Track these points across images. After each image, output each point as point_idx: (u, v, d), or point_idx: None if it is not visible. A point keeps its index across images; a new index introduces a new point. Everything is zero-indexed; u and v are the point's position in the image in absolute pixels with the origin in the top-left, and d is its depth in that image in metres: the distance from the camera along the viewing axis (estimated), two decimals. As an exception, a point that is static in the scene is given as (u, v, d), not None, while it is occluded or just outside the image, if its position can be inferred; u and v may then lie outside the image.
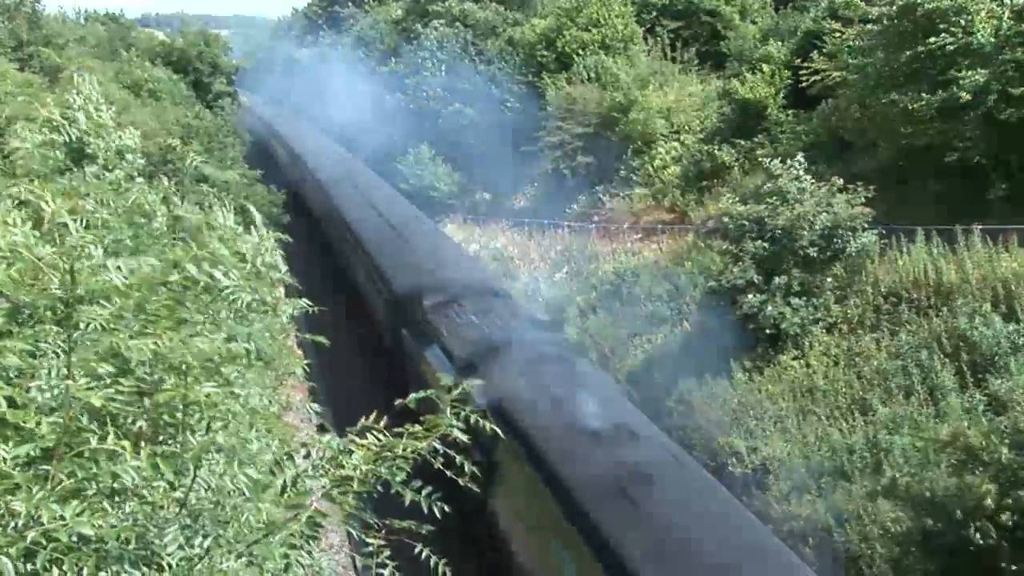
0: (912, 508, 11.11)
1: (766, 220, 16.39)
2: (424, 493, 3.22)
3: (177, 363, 2.88)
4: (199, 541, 2.68)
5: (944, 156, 17.18)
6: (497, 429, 3.53)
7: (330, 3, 69.09)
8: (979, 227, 15.46)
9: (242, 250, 3.99)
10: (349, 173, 29.92)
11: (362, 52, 51.69)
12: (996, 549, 9.96)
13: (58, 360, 2.92)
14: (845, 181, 16.63)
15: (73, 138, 6.35)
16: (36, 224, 3.88)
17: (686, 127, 27.61)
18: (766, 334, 15.91)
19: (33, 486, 2.55)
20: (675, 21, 34.83)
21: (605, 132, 28.83)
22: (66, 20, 42.52)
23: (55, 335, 3.03)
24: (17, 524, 2.41)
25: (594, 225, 26.41)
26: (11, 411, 2.69)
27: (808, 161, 17.57)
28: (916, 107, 17.08)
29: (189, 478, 2.80)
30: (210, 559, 2.65)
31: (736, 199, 17.85)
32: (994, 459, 10.48)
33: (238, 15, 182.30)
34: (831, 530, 12.00)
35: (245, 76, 55.29)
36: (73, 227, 3.35)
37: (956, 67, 16.69)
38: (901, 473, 11.69)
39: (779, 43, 27.13)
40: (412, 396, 3.42)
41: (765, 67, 25.72)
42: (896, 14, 18.10)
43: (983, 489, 10.18)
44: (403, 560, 3.48)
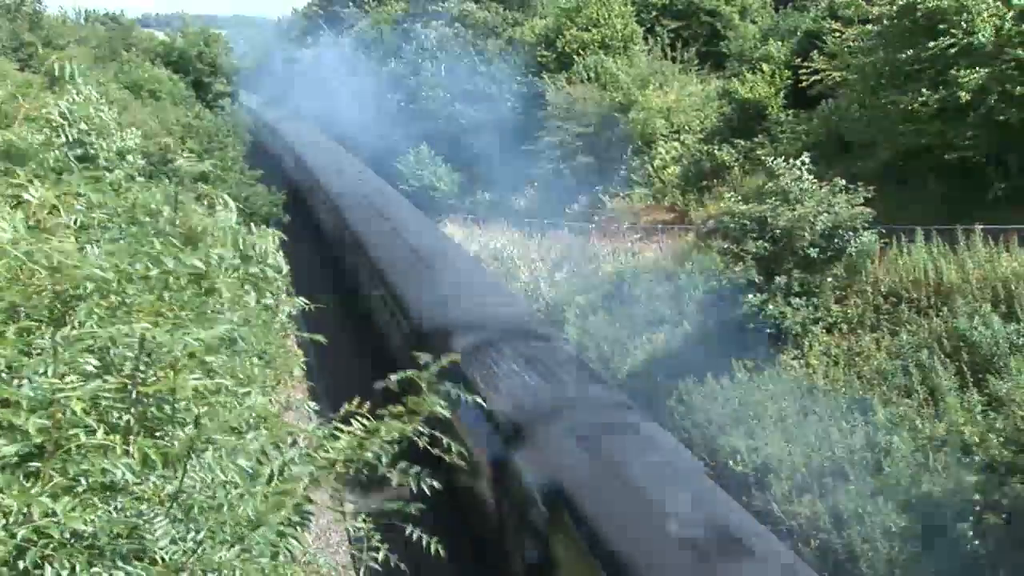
0: (909, 511, 11.10)
1: (768, 220, 16.38)
2: (413, 472, 3.20)
3: (163, 354, 2.87)
4: (191, 535, 2.67)
5: (944, 156, 17.18)
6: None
7: (330, 3, 69.15)
8: (979, 227, 15.45)
9: (242, 246, 3.97)
10: (361, 185, 28.22)
11: (362, 52, 51.74)
12: (991, 551, 9.95)
13: (41, 357, 2.90)
14: (845, 181, 16.62)
15: (71, 138, 6.35)
16: (34, 223, 3.87)
17: (686, 127, 27.60)
18: (766, 334, 15.90)
19: (25, 483, 2.53)
20: (675, 21, 34.87)
21: (605, 132, 28.83)
22: (67, 20, 42.56)
23: (44, 331, 3.01)
24: (8, 521, 2.39)
25: (594, 225, 26.39)
26: (0, 410, 2.67)
27: (808, 161, 17.56)
28: (916, 107, 17.07)
29: (180, 471, 2.79)
30: (202, 552, 2.64)
31: (737, 199, 17.83)
32: (990, 455, 10.49)
33: (238, 15, 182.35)
34: (832, 530, 11.99)
35: (245, 76, 55.32)
36: (57, 222, 3.32)
37: (956, 67, 16.68)
38: (898, 478, 11.66)
39: (779, 43, 27.14)
40: (394, 377, 3.34)
41: (765, 67, 25.74)
42: (896, 14, 18.09)
43: (975, 489, 10.17)
44: (398, 541, 3.47)
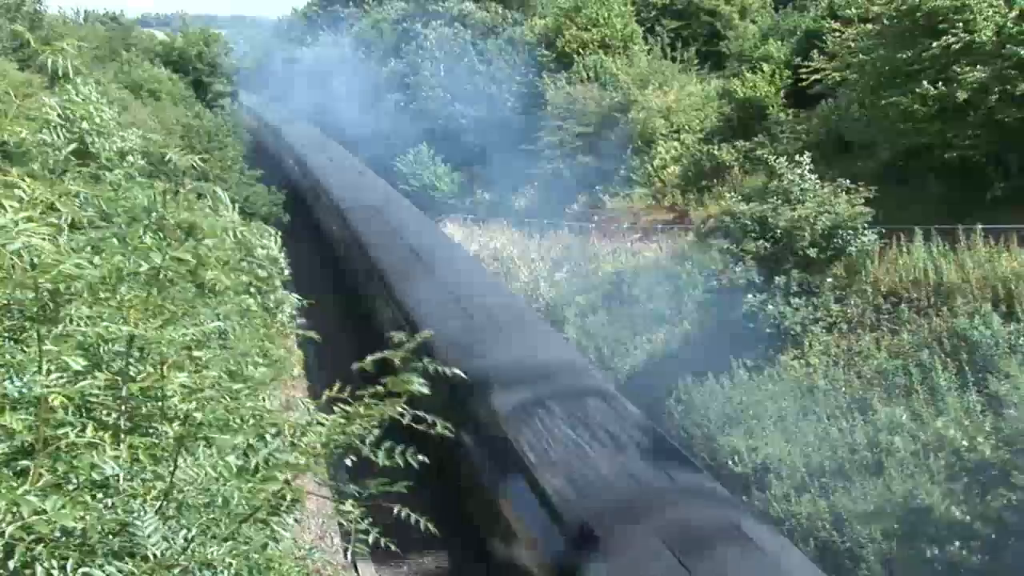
0: (903, 521, 11.09)
1: (768, 220, 16.38)
2: (399, 451, 3.19)
3: (153, 350, 2.86)
4: (183, 532, 2.66)
5: (944, 156, 17.18)
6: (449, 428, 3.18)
7: (330, 3, 69.12)
8: (980, 227, 15.45)
9: (238, 237, 3.96)
10: (379, 202, 25.43)
11: (362, 52, 51.74)
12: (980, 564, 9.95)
13: (28, 355, 2.89)
14: (848, 181, 16.62)
15: (61, 137, 6.33)
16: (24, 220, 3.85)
17: (686, 127, 27.59)
18: (766, 333, 15.91)
19: (13, 481, 2.50)
20: (675, 21, 34.88)
21: (605, 132, 28.82)
22: (67, 21, 42.56)
23: (31, 329, 2.98)
24: None
25: (594, 225, 26.39)
26: None
27: (808, 161, 17.56)
28: (916, 107, 17.07)
29: (171, 467, 2.77)
30: (194, 549, 2.63)
31: (737, 199, 17.84)
32: (983, 459, 10.48)
33: (238, 15, 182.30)
34: (832, 530, 12.00)
35: (245, 76, 55.32)
36: (48, 220, 3.30)
37: (958, 64, 16.68)
38: (895, 490, 11.63)
39: (779, 43, 27.15)
40: (369, 359, 3.22)
41: (765, 66, 25.74)
42: (897, 13, 18.08)
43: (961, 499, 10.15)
44: (387, 521, 3.46)
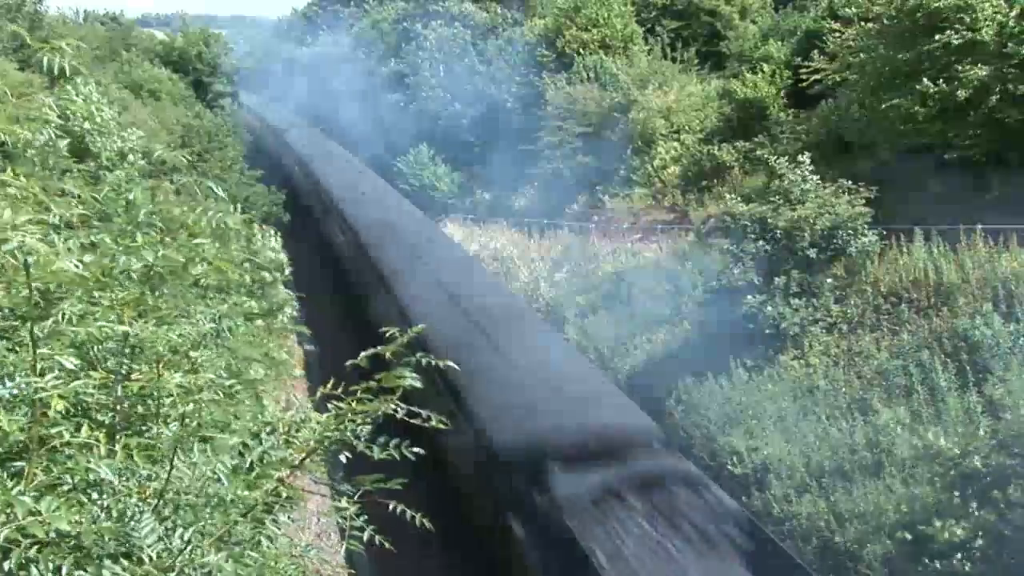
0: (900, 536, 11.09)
1: (768, 220, 16.39)
2: (393, 444, 3.19)
3: (147, 351, 2.86)
4: (179, 532, 2.66)
5: (944, 156, 17.18)
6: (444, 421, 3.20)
7: (330, 3, 69.10)
8: (980, 227, 15.45)
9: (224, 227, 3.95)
10: (393, 217, 23.23)
11: (362, 52, 51.73)
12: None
13: (17, 356, 2.87)
14: (848, 181, 16.62)
15: (53, 137, 6.33)
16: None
17: (686, 127, 27.58)
18: (766, 334, 15.91)
19: (8, 482, 2.48)
20: (675, 21, 34.85)
21: (605, 132, 28.82)
22: (67, 21, 42.50)
23: (23, 328, 2.97)
24: None
25: (594, 225, 26.40)
26: None
27: (808, 161, 17.56)
28: (916, 107, 17.06)
29: (167, 468, 2.76)
30: (191, 551, 2.62)
31: (738, 199, 17.84)
32: (976, 469, 10.51)
33: (238, 15, 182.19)
34: (832, 531, 12.00)
35: (245, 76, 55.28)
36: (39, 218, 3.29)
37: (959, 62, 16.67)
38: (894, 505, 11.62)
39: (779, 43, 27.15)
40: (363, 355, 3.27)
41: (765, 67, 25.74)
42: (898, 13, 18.07)
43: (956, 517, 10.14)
44: (382, 517, 3.44)
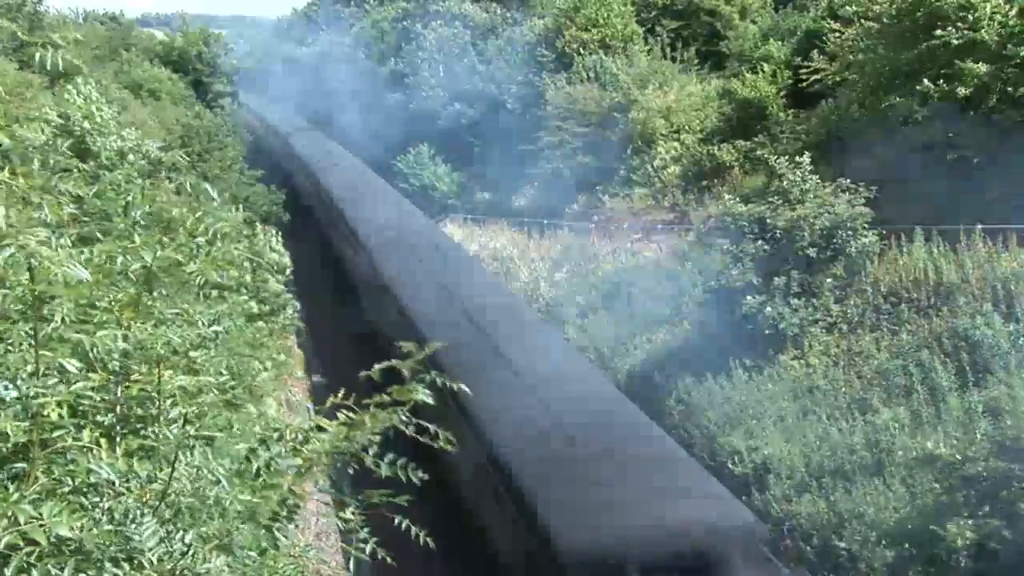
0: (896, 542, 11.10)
1: (768, 220, 16.38)
2: (400, 463, 3.18)
3: (147, 351, 2.84)
4: (179, 535, 2.64)
5: (944, 156, 17.17)
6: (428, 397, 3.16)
7: (330, 2, 69.07)
8: (979, 227, 15.44)
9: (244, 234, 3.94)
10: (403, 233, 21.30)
11: (362, 52, 51.72)
12: None
13: (15, 356, 2.86)
14: (848, 181, 16.61)
15: (50, 137, 6.34)
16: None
17: (686, 127, 27.57)
18: (766, 334, 15.90)
19: (8, 486, 2.47)
20: (675, 21, 34.80)
21: (605, 132, 28.81)
22: (66, 21, 42.48)
23: (23, 330, 2.95)
24: None
25: (594, 225, 26.39)
26: None
27: (808, 160, 17.56)
28: (916, 107, 17.06)
29: (167, 471, 2.75)
30: (192, 555, 2.61)
31: (738, 199, 17.84)
32: (976, 473, 10.48)
33: (238, 15, 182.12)
34: (832, 531, 12.01)
35: (245, 76, 55.26)
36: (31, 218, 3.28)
37: (960, 60, 16.67)
38: (895, 508, 11.61)
39: (779, 43, 27.13)
40: (376, 368, 3.26)
41: (765, 66, 25.72)
42: (898, 12, 18.07)
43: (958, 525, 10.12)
44: (387, 531, 3.44)
